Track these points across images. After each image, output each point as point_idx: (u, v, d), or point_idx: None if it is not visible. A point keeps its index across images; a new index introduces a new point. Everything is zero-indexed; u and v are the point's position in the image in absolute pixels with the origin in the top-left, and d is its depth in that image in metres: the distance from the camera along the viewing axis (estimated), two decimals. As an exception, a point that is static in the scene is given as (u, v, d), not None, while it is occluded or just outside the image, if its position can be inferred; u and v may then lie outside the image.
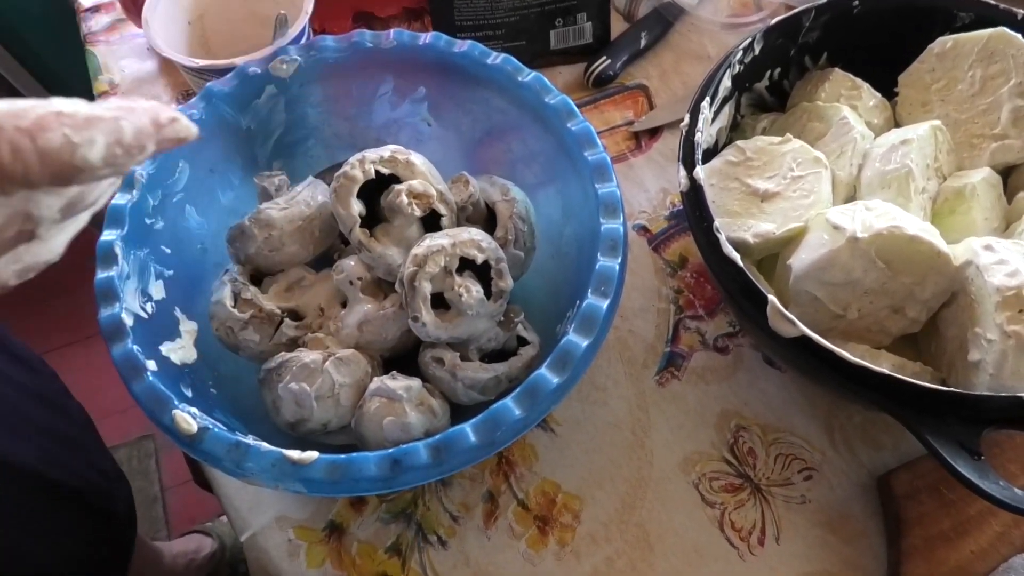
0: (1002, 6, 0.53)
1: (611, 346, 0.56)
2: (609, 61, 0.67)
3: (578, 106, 0.67)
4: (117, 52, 0.74)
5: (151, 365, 0.43)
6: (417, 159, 0.50)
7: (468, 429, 0.40)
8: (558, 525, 0.50)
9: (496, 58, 0.52)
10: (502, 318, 0.50)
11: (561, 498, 0.51)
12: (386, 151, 0.50)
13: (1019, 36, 0.50)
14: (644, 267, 0.60)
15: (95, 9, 0.77)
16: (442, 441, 0.40)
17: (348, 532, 0.51)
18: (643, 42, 0.69)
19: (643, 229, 0.61)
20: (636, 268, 0.60)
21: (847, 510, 0.50)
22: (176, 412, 0.42)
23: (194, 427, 0.41)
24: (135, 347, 0.44)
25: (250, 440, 0.41)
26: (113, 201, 0.48)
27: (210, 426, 0.42)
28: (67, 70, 1.12)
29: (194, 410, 0.43)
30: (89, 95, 0.71)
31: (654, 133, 0.66)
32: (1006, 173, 0.52)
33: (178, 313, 0.50)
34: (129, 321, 0.45)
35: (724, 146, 0.54)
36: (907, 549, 0.47)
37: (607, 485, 0.52)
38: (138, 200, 0.48)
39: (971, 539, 0.47)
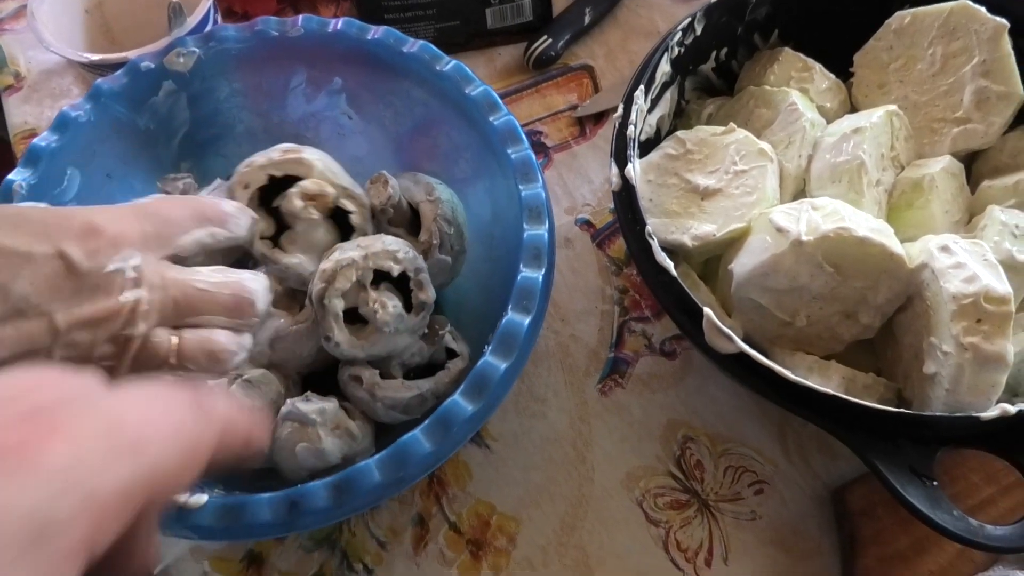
0: (965, -24, 0.48)
1: (551, 353, 0.53)
2: (551, 40, 0.62)
3: (518, 90, 0.64)
4: (25, 41, 0.69)
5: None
6: (312, 155, 0.45)
7: (372, 466, 0.37)
8: (492, 549, 0.47)
9: (413, 45, 0.48)
10: (426, 331, 0.46)
11: (496, 520, 0.48)
12: (276, 151, 0.45)
13: (982, 9, 0.46)
14: (587, 265, 0.56)
15: (1, -6, 0.72)
16: (343, 480, 0.36)
17: (268, 562, 0.47)
18: (588, 19, 0.64)
19: (587, 224, 0.57)
20: (579, 267, 0.56)
21: (800, 526, 0.47)
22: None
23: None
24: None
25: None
26: None
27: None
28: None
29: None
30: (-7, 89, 0.66)
31: (599, 118, 0.62)
32: (969, 160, 0.48)
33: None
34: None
35: (668, 134, 0.50)
36: (862, 570, 0.44)
37: (545, 505, 0.48)
38: (16, 215, 0.43)
39: (930, 558, 0.44)
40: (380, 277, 0.44)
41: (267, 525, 0.36)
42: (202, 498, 0.37)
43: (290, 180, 0.44)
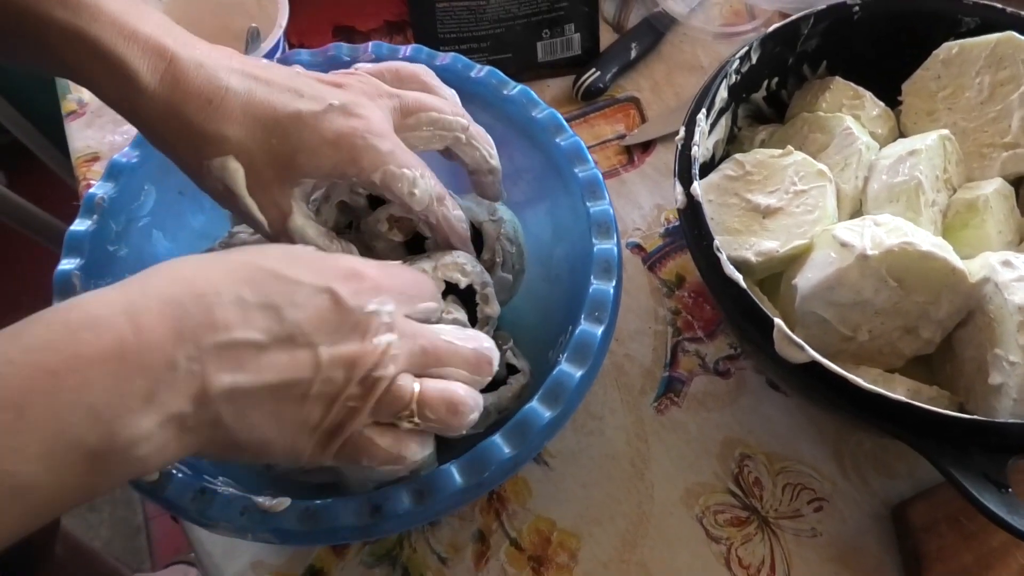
0: (1009, 10, 0.50)
1: (607, 372, 0.53)
2: (599, 73, 0.65)
3: (567, 120, 0.65)
4: (87, 71, 0.71)
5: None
6: None
7: (454, 469, 0.37)
8: (554, 566, 0.47)
9: (480, 71, 0.50)
10: (490, 345, 0.47)
11: (556, 536, 0.48)
12: None
13: (1028, 40, 0.48)
14: (639, 287, 0.57)
15: (64, 27, 0.74)
16: (426, 484, 0.37)
17: (329, 577, 0.47)
18: (633, 53, 0.66)
19: (637, 247, 0.59)
20: (631, 288, 0.57)
21: (860, 543, 0.47)
22: (137, 457, 0.38)
23: (155, 474, 0.38)
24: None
25: (217, 485, 0.38)
26: (72, 227, 0.45)
27: (174, 472, 0.39)
28: (35, 88, 1.08)
29: (157, 453, 0.39)
30: (57, 114, 0.68)
31: (647, 147, 0.63)
32: (1018, 183, 0.49)
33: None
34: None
35: (721, 160, 0.51)
36: (927, 586, 0.44)
37: (605, 521, 0.48)
38: (99, 226, 0.45)
39: (994, 573, 0.44)
40: (448, 291, 0.46)
41: (350, 528, 0.36)
42: (284, 501, 0.37)
43: (373, 199, 0.46)
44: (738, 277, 0.41)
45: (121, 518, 1.31)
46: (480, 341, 0.37)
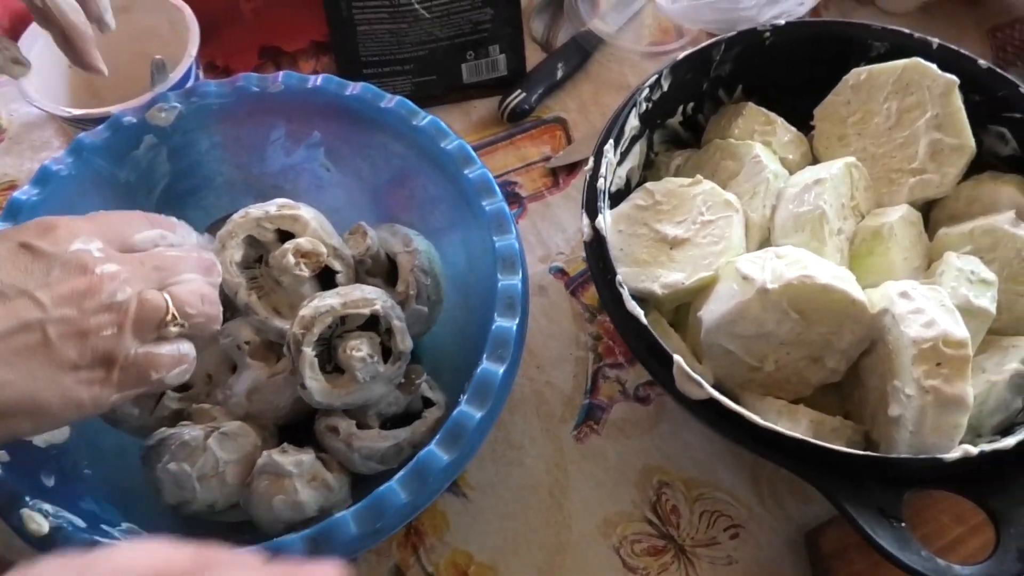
0: (916, 35, 0.51)
1: (527, 400, 0.53)
2: (524, 95, 0.64)
3: (493, 142, 0.65)
4: (6, 95, 0.69)
5: (1, 455, 0.39)
6: (307, 213, 0.47)
7: (349, 518, 0.37)
8: (471, 600, 0.47)
9: (390, 101, 0.49)
10: (402, 380, 0.47)
11: (474, 570, 0.48)
12: (272, 206, 0.47)
13: (933, 67, 0.48)
14: (562, 312, 0.57)
15: (-17, 49, 0.73)
16: (320, 533, 0.37)
17: (243, 618, 0.46)
18: (560, 73, 0.66)
19: (560, 272, 0.58)
20: (553, 314, 0.56)
21: (776, 570, 0.47)
22: (24, 511, 0.38)
23: (45, 527, 0.37)
24: (-17, 436, 0.40)
25: (115, 536, 0.38)
26: None
27: (64, 524, 0.38)
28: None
29: (47, 507, 0.39)
30: (-28, 141, 0.67)
31: (572, 169, 0.63)
32: (926, 208, 0.50)
33: (49, 387, 0.46)
34: (-21, 406, 0.40)
35: (637, 185, 0.51)
36: (837, 613, 0.44)
37: (523, 553, 0.48)
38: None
39: (902, 599, 0.44)
40: (357, 326, 0.45)
41: (242, 578, 0.36)
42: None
43: (282, 233, 0.46)
44: (639, 313, 0.40)
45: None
46: (200, 251, 0.41)
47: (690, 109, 0.54)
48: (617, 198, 0.50)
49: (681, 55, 0.50)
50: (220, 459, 0.43)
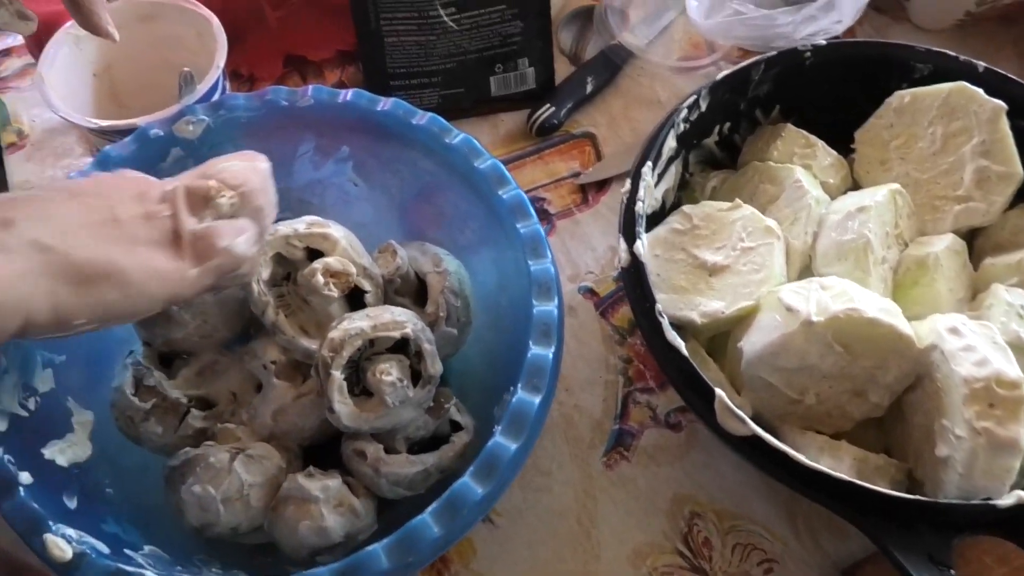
0: (962, 58, 0.49)
1: (555, 424, 0.52)
2: (553, 109, 0.63)
3: (521, 156, 0.64)
4: (29, 100, 0.69)
5: (24, 478, 0.39)
6: (337, 231, 0.46)
7: (380, 551, 0.36)
8: (496, 631, 0.46)
9: (422, 118, 0.48)
10: (431, 404, 0.46)
11: (500, 600, 0.47)
12: (301, 223, 0.46)
13: (980, 91, 0.47)
14: (591, 334, 0.56)
15: (5, 53, 0.72)
16: (349, 567, 0.35)
17: (264, 644, 0.45)
18: (589, 87, 0.65)
19: (590, 292, 0.57)
20: (582, 335, 0.55)
21: (810, 606, 0.46)
22: (48, 536, 0.37)
23: (68, 554, 0.36)
24: (6, 457, 0.39)
25: (134, 566, 0.37)
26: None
27: (88, 551, 0.37)
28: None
29: (71, 532, 0.38)
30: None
31: (602, 186, 0.62)
32: (971, 237, 0.48)
33: (71, 403, 0.45)
34: (2, 426, 0.40)
35: (672, 207, 0.50)
36: (874, 654, 0.43)
37: (551, 582, 0.47)
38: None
39: (943, 641, 0.43)
40: (386, 348, 0.44)
41: (268, 614, 0.35)
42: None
43: (311, 251, 0.45)
44: (680, 344, 0.39)
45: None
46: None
47: (726, 129, 0.53)
48: (652, 220, 0.48)
49: (719, 75, 0.49)
50: (245, 482, 0.42)
